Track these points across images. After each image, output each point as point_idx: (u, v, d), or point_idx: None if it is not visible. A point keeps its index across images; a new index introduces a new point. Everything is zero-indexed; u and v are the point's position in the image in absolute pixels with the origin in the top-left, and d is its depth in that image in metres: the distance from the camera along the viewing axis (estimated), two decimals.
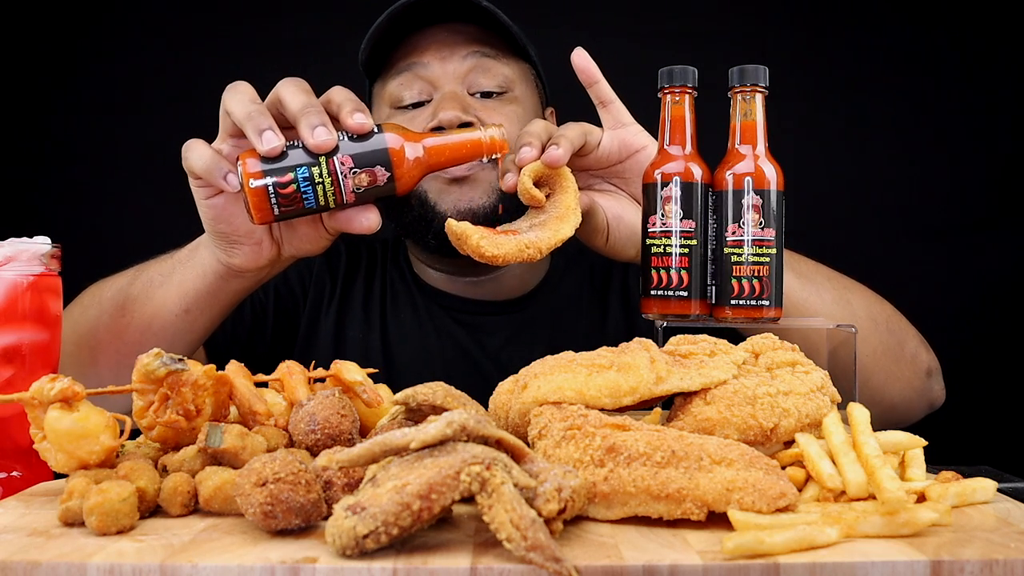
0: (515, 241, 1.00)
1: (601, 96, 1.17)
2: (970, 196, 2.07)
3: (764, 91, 1.05)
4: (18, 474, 0.98)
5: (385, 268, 1.63)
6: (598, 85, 1.17)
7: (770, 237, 1.03)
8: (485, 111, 1.41)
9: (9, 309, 0.99)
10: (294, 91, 1.04)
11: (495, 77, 1.43)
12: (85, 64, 2.10)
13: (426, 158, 1.05)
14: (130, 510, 0.71)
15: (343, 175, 1.01)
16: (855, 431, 0.80)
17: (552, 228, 1.04)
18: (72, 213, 2.01)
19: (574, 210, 1.07)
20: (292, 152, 1.01)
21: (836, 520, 0.70)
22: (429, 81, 1.42)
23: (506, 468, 0.66)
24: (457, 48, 1.43)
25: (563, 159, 1.06)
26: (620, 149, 1.16)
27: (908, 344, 1.37)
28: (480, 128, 1.09)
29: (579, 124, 1.14)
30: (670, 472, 0.72)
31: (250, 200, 1.01)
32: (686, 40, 1.96)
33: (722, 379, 0.85)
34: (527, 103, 1.49)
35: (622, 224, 1.17)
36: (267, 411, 0.89)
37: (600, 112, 1.18)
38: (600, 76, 1.17)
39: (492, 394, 0.96)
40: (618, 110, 1.17)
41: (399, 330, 1.56)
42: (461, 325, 1.56)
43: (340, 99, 1.04)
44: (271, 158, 1.01)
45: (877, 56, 2.08)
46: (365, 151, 1.02)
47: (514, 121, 1.43)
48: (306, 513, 0.70)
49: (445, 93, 1.40)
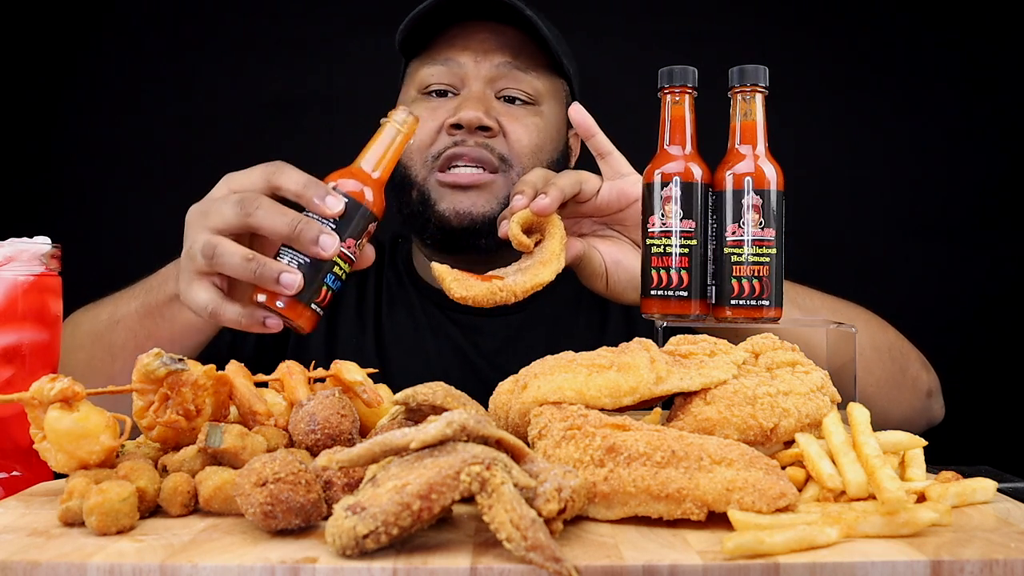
0: (487, 285, 1.05)
1: (599, 148, 1.20)
2: (970, 196, 2.07)
3: (764, 91, 1.05)
4: (18, 474, 0.98)
5: (381, 271, 1.64)
6: (596, 138, 1.20)
7: (770, 237, 1.03)
8: (508, 116, 1.44)
9: (9, 309, 0.99)
10: (270, 213, 1.02)
11: (524, 89, 1.46)
12: (85, 65, 2.10)
13: (381, 178, 1.09)
14: (130, 510, 0.71)
15: (353, 254, 1.06)
16: (855, 431, 0.80)
17: (532, 273, 1.09)
18: (72, 213, 2.01)
19: (557, 256, 1.11)
20: (303, 264, 1.03)
21: (836, 520, 0.70)
22: (460, 78, 1.45)
23: (506, 468, 0.66)
24: (492, 54, 1.45)
25: (550, 208, 1.09)
26: (619, 198, 1.18)
27: (910, 369, 1.39)
28: (388, 120, 1.10)
29: (575, 173, 1.16)
30: (670, 472, 0.72)
31: (303, 326, 1.05)
32: (686, 40, 1.96)
33: (722, 379, 0.85)
34: (551, 119, 1.50)
35: (620, 269, 1.20)
36: (267, 411, 0.89)
37: (599, 163, 1.20)
38: (597, 129, 1.19)
39: (491, 395, 0.96)
40: (616, 161, 1.19)
41: (394, 332, 1.56)
42: (458, 326, 1.56)
43: (297, 188, 1.04)
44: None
45: (877, 56, 2.08)
46: (355, 224, 1.05)
47: (533, 133, 1.45)
48: (306, 513, 0.70)
49: (472, 92, 1.43)
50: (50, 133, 2.10)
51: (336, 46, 1.96)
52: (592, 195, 1.17)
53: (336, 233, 1.03)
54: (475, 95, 1.43)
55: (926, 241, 2.05)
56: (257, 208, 1.02)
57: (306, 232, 1.01)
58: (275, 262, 1.02)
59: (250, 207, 1.02)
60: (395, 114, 1.10)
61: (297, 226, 1.01)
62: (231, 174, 1.09)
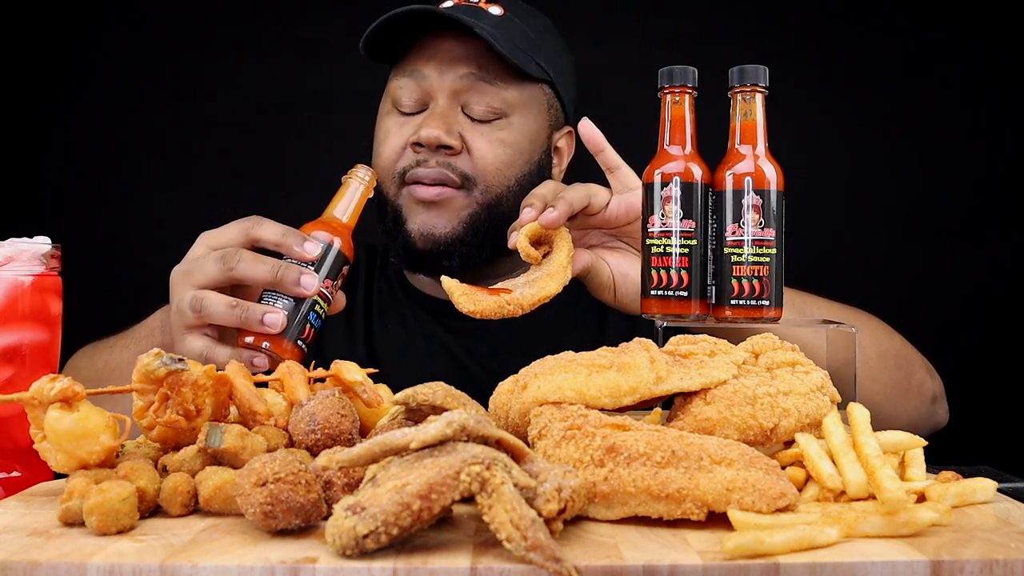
0: (495, 299, 1.08)
1: (608, 163, 1.20)
2: (970, 196, 2.07)
3: (764, 91, 1.05)
4: (18, 474, 0.98)
5: (372, 279, 1.63)
6: (604, 153, 1.20)
7: (770, 237, 1.03)
8: (472, 132, 1.41)
9: (9, 309, 0.99)
10: (251, 264, 1.11)
11: (490, 102, 1.42)
12: (85, 64, 2.10)
13: (349, 226, 1.21)
14: (130, 510, 0.71)
15: (331, 294, 1.17)
16: (855, 431, 0.80)
17: (539, 286, 1.11)
18: (72, 213, 2.01)
19: (564, 268, 1.13)
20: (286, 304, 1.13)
21: (836, 520, 0.70)
22: (426, 91, 1.42)
23: (506, 468, 0.66)
24: (457, 65, 1.41)
25: (558, 222, 1.11)
26: (628, 212, 1.18)
27: (915, 375, 1.40)
28: (352, 177, 1.23)
29: (585, 186, 1.17)
30: (670, 472, 0.72)
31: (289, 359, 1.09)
32: (686, 40, 1.95)
33: (722, 379, 0.85)
34: (524, 130, 1.45)
35: (628, 281, 1.20)
36: (267, 411, 0.89)
37: (608, 177, 1.20)
38: (606, 144, 1.20)
39: (490, 396, 0.96)
40: (625, 175, 1.19)
41: (386, 339, 1.55)
42: (451, 331, 1.55)
43: (276, 238, 1.14)
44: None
45: (877, 56, 2.08)
46: (331, 266, 1.17)
47: (499, 149, 1.42)
48: (306, 513, 0.70)
49: (436, 109, 1.41)
50: (50, 133, 2.10)
51: (336, 46, 1.95)
52: (601, 208, 1.17)
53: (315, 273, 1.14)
54: (439, 112, 1.40)
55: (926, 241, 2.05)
56: (239, 261, 1.11)
57: (288, 275, 1.12)
58: (258, 305, 1.12)
59: (232, 261, 1.11)
60: (357, 171, 1.23)
61: (278, 272, 1.11)
62: (206, 232, 1.17)
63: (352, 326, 1.57)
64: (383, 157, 1.45)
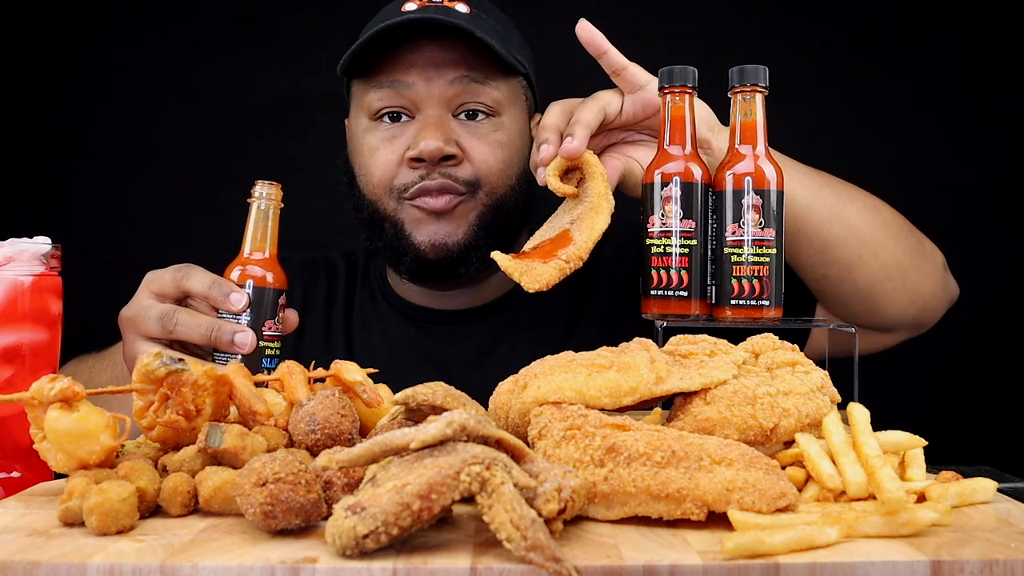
0: (555, 263, 1.04)
1: (612, 65, 1.16)
2: (970, 196, 2.07)
3: (764, 91, 1.05)
4: (18, 474, 0.98)
5: (353, 289, 1.60)
6: (608, 55, 1.15)
7: (770, 237, 1.03)
8: (469, 137, 1.37)
9: (9, 309, 0.99)
10: (187, 326, 1.12)
11: (484, 102, 1.38)
12: (86, 64, 2.10)
13: (272, 254, 1.19)
14: (130, 510, 0.71)
15: (278, 330, 1.18)
16: (855, 431, 0.80)
17: (588, 225, 1.07)
18: (72, 213, 2.01)
19: (605, 196, 1.09)
20: (231, 358, 1.13)
21: (836, 520, 0.70)
22: (411, 100, 1.37)
23: (506, 468, 0.66)
24: (444, 69, 1.35)
25: (579, 150, 1.08)
26: (644, 109, 1.16)
27: (925, 241, 1.39)
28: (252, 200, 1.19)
29: (595, 100, 1.13)
30: (670, 472, 0.72)
31: None
32: (686, 40, 1.95)
33: (722, 379, 0.85)
34: (514, 127, 1.43)
35: None
36: (267, 411, 0.89)
37: (614, 80, 1.17)
38: (608, 45, 1.15)
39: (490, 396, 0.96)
40: (633, 74, 1.16)
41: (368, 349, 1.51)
42: (434, 339, 1.52)
43: (203, 290, 1.13)
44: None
45: (877, 56, 2.08)
46: (267, 306, 1.16)
47: (498, 151, 1.39)
48: (306, 513, 0.70)
49: (429, 119, 1.35)
50: (50, 133, 2.10)
51: (336, 46, 1.96)
52: (616, 115, 1.15)
53: (252, 323, 1.14)
54: (432, 121, 1.34)
55: None
56: (176, 324, 1.12)
57: (221, 336, 1.12)
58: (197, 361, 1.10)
59: (169, 324, 1.12)
60: (255, 191, 1.19)
61: (212, 333, 1.12)
62: (150, 275, 1.16)
63: (331, 340, 1.54)
64: (375, 174, 1.39)
